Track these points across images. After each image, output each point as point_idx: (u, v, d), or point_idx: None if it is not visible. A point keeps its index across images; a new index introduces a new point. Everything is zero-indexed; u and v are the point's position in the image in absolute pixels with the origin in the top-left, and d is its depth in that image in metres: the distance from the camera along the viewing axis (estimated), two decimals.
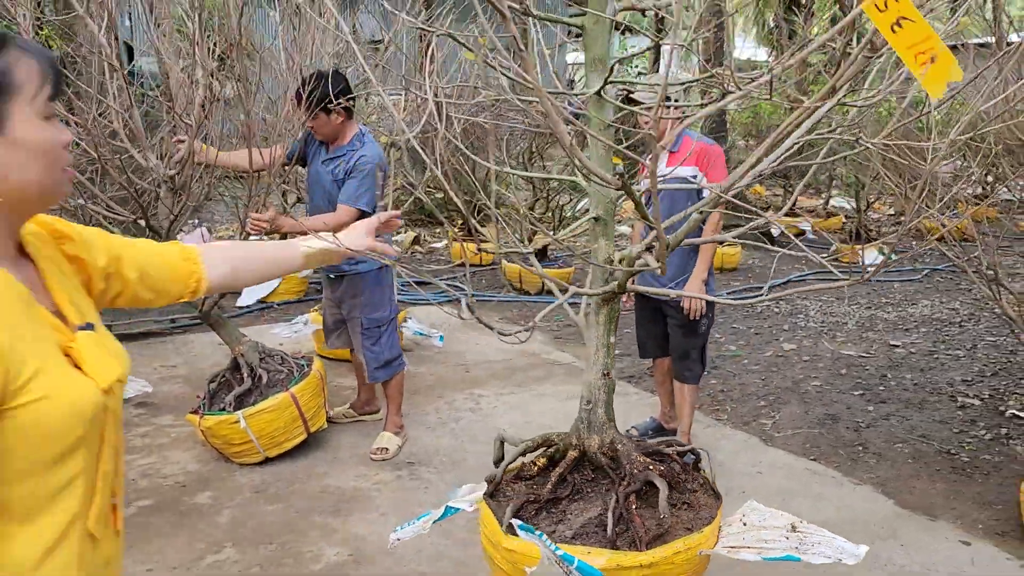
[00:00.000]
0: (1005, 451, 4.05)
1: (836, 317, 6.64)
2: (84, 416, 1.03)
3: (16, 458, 0.98)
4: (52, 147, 1.06)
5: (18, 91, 1.02)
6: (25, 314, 1.02)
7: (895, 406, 4.67)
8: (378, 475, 3.67)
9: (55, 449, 1.01)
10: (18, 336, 0.98)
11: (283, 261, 1.57)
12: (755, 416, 4.49)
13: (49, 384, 1.00)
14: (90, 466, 1.07)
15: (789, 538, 1.87)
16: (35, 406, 0.99)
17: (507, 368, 5.18)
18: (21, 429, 0.98)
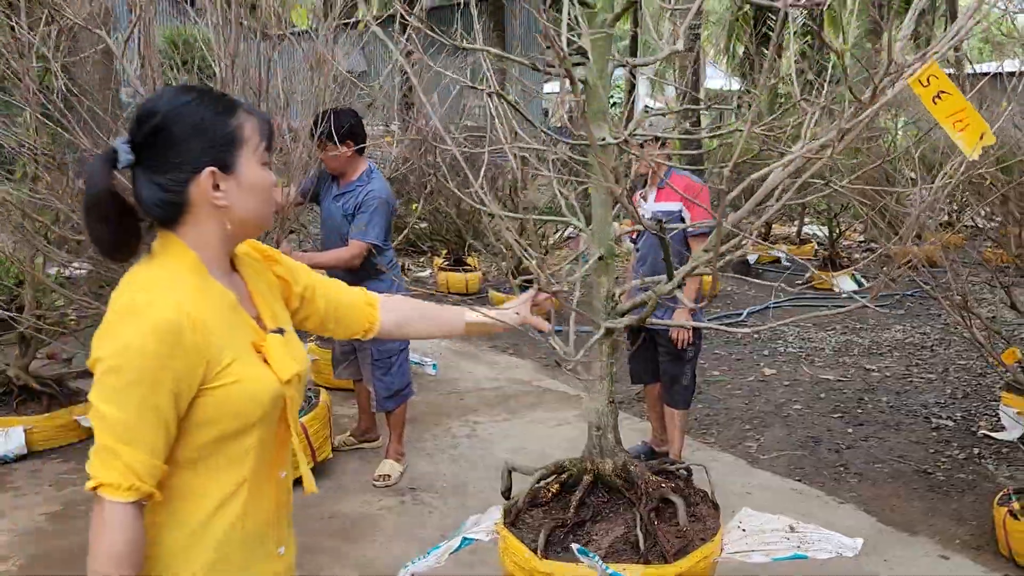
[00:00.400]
0: (978, 470, 4.26)
1: (813, 342, 6.87)
2: (263, 401, 1.31)
3: (210, 428, 1.28)
4: (267, 187, 1.36)
5: (245, 143, 1.32)
6: (229, 317, 1.32)
7: (873, 428, 4.88)
8: (382, 501, 3.80)
9: (238, 424, 1.30)
10: (221, 334, 1.27)
11: (446, 324, 1.79)
12: (741, 439, 4.67)
13: (240, 372, 1.29)
14: (263, 441, 1.34)
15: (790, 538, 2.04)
16: (228, 388, 1.27)
17: (500, 395, 5.33)
18: (216, 405, 1.27)
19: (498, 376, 5.71)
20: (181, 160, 1.27)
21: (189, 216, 1.30)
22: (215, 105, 1.31)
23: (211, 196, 1.29)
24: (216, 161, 1.29)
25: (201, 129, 1.28)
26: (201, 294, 1.28)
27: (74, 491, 3.85)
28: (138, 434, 1.20)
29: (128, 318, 1.21)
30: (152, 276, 1.27)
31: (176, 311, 1.21)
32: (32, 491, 3.85)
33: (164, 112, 1.27)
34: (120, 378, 1.19)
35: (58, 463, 4.17)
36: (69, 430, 4.33)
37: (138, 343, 1.19)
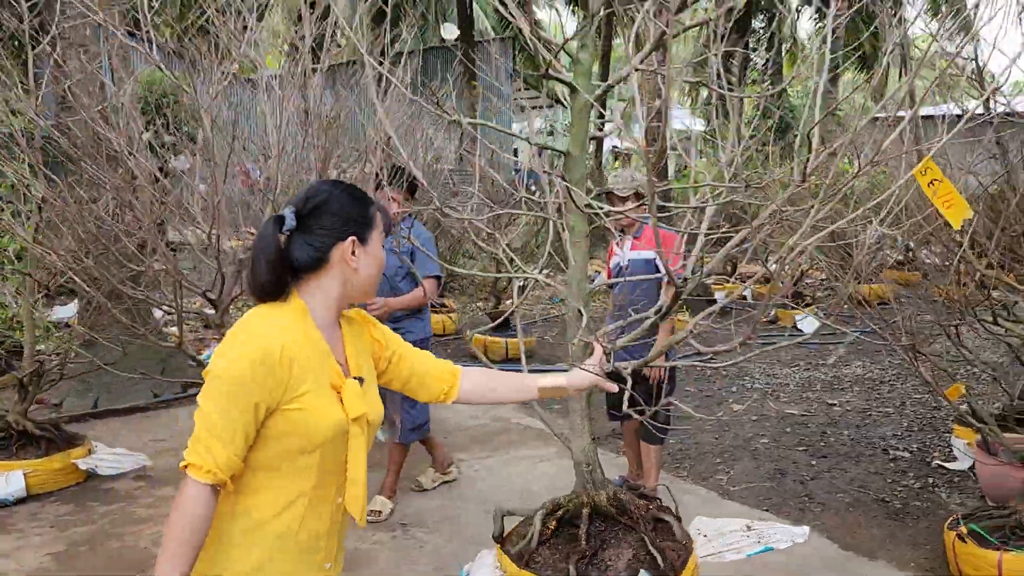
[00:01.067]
0: (932, 498, 4.56)
1: (779, 379, 7.19)
2: (325, 429, 1.60)
3: (280, 441, 1.58)
4: (382, 262, 1.77)
5: (376, 226, 1.74)
6: (317, 360, 1.64)
7: (835, 460, 5.17)
8: (375, 536, 3.99)
9: (302, 443, 1.59)
10: (304, 372, 1.59)
11: (522, 391, 2.06)
12: (712, 472, 4.93)
13: (311, 402, 1.59)
14: (325, 465, 1.63)
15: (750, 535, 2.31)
16: (298, 413, 1.58)
17: (483, 433, 5.55)
18: (286, 423, 1.57)
19: (480, 415, 5.93)
20: (333, 227, 1.66)
21: (325, 272, 1.67)
22: (361, 196, 1.73)
23: (348, 258, 1.67)
24: (357, 233, 1.68)
25: (347, 208, 1.69)
26: (300, 338, 1.61)
27: (75, 532, 3.99)
28: (223, 432, 1.52)
29: (239, 342, 1.56)
30: (271, 316, 1.62)
31: (274, 347, 1.55)
32: (34, 533, 3.98)
33: (327, 193, 1.68)
34: (219, 386, 1.53)
35: (57, 505, 4.30)
36: (67, 473, 4.47)
37: (238, 364, 1.53)
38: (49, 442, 4.48)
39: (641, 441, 4.35)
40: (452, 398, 1.97)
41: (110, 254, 5.08)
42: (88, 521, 4.12)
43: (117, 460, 4.58)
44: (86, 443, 4.63)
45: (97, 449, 4.64)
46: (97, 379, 5.86)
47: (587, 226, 2.75)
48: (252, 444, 1.57)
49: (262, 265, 1.62)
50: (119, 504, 4.31)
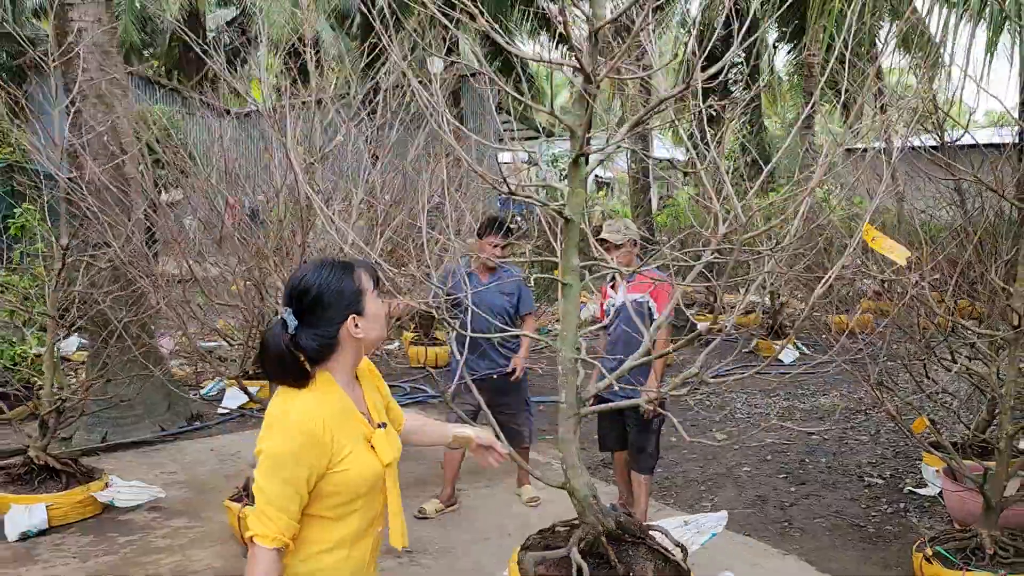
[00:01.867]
0: (903, 522, 4.86)
1: (760, 409, 7.50)
2: (368, 480, 1.89)
3: (332, 497, 1.85)
4: (383, 314, 1.98)
5: (366, 291, 1.92)
6: (350, 421, 1.90)
7: (813, 487, 5.47)
8: (383, 562, 4.22)
9: (350, 495, 1.87)
10: (343, 436, 1.85)
11: (441, 437, 2.43)
12: (697, 499, 5.21)
13: (354, 461, 1.86)
14: (366, 506, 1.92)
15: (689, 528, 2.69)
16: (344, 472, 1.84)
17: (479, 468, 5.80)
18: (336, 483, 1.84)
19: None
20: (332, 317, 1.87)
21: (338, 349, 1.90)
22: (342, 271, 1.90)
23: (354, 333, 1.89)
24: (354, 310, 1.88)
25: (340, 293, 1.88)
26: (334, 408, 1.86)
27: (98, 562, 4.21)
28: (282, 503, 1.77)
29: (284, 425, 1.80)
30: (305, 398, 1.84)
31: (316, 425, 1.79)
32: (59, 563, 4.21)
33: (315, 287, 1.86)
34: (272, 463, 1.78)
35: (78, 536, 4.52)
36: (86, 505, 4.69)
37: (288, 443, 1.78)
38: (69, 476, 4.71)
39: (632, 471, 4.63)
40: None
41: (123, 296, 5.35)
42: (110, 551, 4.34)
43: (133, 492, 4.80)
44: (103, 477, 4.86)
45: (113, 482, 4.86)
46: (106, 413, 6.08)
47: (580, 283, 3.05)
48: (318, 495, 1.83)
49: (277, 365, 1.85)
50: (138, 535, 4.53)
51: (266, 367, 1.89)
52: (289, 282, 1.93)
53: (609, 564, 2.75)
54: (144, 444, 6.16)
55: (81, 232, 5.42)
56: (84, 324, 5.13)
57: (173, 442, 6.28)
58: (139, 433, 6.22)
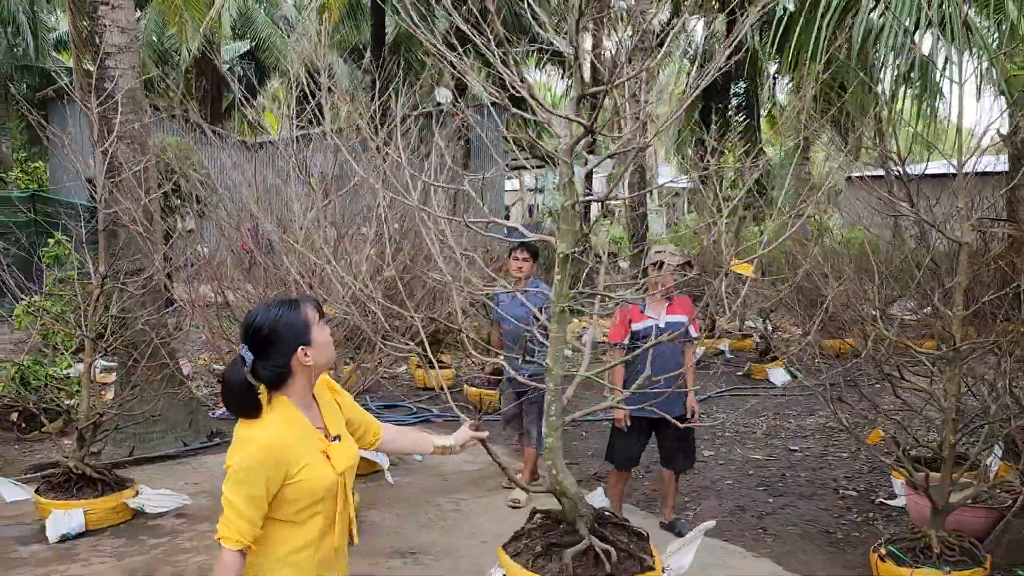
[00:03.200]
0: (870, 529, 5.26)
1: (748, 427, 7.91)
2: (324, 487, 2.22)
3: (292, 504, 2.18)
4: (329, 341, 2.28)
5: (312, 323, 2.24)
6: (306, 437, 2.23)
7: (790, 498, 5.87)
8: (388, 562, 4.66)
9: (309, 501, 2.21)
10: (299, 450, 2.17)
11: (421, 446, 2.80)
12: (681, 509, 5.61)
13: (310, 472, 2.19)
14: (326, 509, 2.25)
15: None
16: (301, 483, 2.17)
17: (479, 476, 6.23)
18: (294, 491, 2.17)
19: (476, 460, 6.61)
20: (284, 350, 2.17)
21: (292, 376, 2.21)
22: (289, 308, 2.21)
23: (303, 361, 2.20)
24: (302, 342, 2.19)
25: (289, 328, 2.18)
26: (291, 427, 2.18)
27: (132, 561, 4.66)
28: (243, 511, 2.09)
29: (247, 444, 2.12)
30: (266, 420, 2.17)
31: (274, 442, 2.12)
32: (97, 561, 4.65)
33: (266, 325, 2.17)
34: (236, 476, 2.10)
35: (112, 538, 4.97)
36: (119, 511, 5.14)
37: (248, 461, 2.10)
38: (104, 484, 5.16)
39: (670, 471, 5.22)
40: (376, 446, 2.62)
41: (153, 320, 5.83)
42: (142, 552, 4.78)
43: (161, 500, 5.24)
44: (134, 485, 5.30)
45: (143, 490, 5.30)
46: (132, 429, 6.54)
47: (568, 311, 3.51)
48: (274, 508, 2.14)
49: (236, 397, 2.15)
50: (166, 537, 4.97)
51: (227, 399, 2.19)
52: (244, 321, 2.24)
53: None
54: (168, 458, 6.61)
55: (114, 261, 5.91)
56: (117, 346, 5.60)
57: (195, 456, 6.73)
58: (163, 448, 6.67)
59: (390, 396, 8.98)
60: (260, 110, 30.79)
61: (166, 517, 5.27)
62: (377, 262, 8.32)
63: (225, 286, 5.21)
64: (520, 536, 3.56)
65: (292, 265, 4.89)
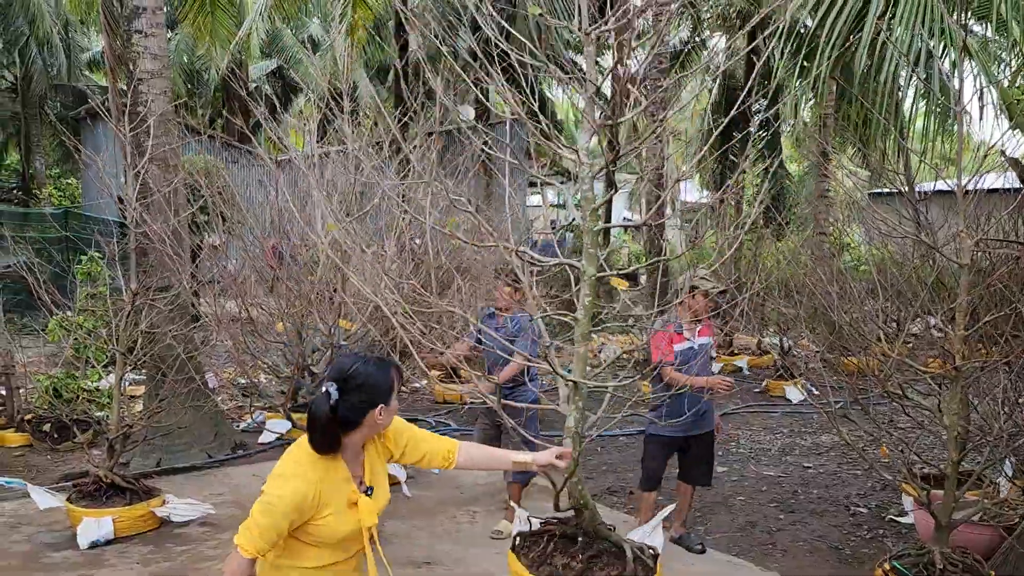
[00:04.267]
0: (878, 545, 5.33)
1: (762, 444, 7.97)
2: (343, 535, 2.37)
3: (312, 535, 2.35)
4: (396, 411, 2.45)
5: (394, 389, 2.40)
6: (339, 485, 2.37)
7: (801, 515, 5.94)
8: (403, 571, 4.80)
9: (325, 541, 2.37)
10: (329, 497, 2.32)
11: (500, 462, 2.98)
12: (692, 524, 5.70)
13: (332, 519, 2.35)
14: (346, 545, 2.41)
15: None
16: (320, 526, 2.34)
17: (494, 489, 6.37)
18: (315, 529, 2.35)
19: (491, 475, 6.75)
20: (367, 401, 2.33)
21: (359, 427, 2.36)
22: (381, 366, 2.38)
23: (377, 419, 2.36)
24: (383, 401, 2.36)
25: (377, 385, 2.35)
26: (328, 476, 2.33)
27: (158, 567, 4.84)
28: (264, 532, 2.27)
29: (285, 477, 2.31)
30: (310, 458, 2.33)
31: (311, 492, 2.28)
32: (125, 568, 4.84)
33: (360, 375, 2.33)
34: (268, 502, 2.27)
35: (140, 546, 5.16)
36: (147, 520, 5.33)
37: (281, 494, 2.27)
38: (132, 493, 5.35)
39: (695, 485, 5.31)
40: (451, 467, 2.72)
41: (180, 335, 6.05)
42: (168, 558, 4.97)
43: (187, 509, 5.43)
44: (161, 495, 5.50)
45: (170, 500, 5.50)
46: (159, 441, 6.75)
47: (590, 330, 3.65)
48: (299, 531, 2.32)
49: (319, 433, 2.30)
50: (191, 545, 5.16)
51: (312, 431, 2.33)
52: (339, 364, 2.38)
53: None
54: (193, 469, 6.81)
55: (144, 277, 6.14)
56: (146, 360, 5.81)
57: (219, 468, 6.92)
58: (189, 459, 6.87)
59: (411, 410, 9.14)
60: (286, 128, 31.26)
61: (191, 526, 5.46)
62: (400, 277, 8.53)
63: (249, 302, 5.41)
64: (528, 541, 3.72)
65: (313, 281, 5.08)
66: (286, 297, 5.68)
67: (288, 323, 5.72)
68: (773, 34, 3.73)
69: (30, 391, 8.11)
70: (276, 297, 5.61)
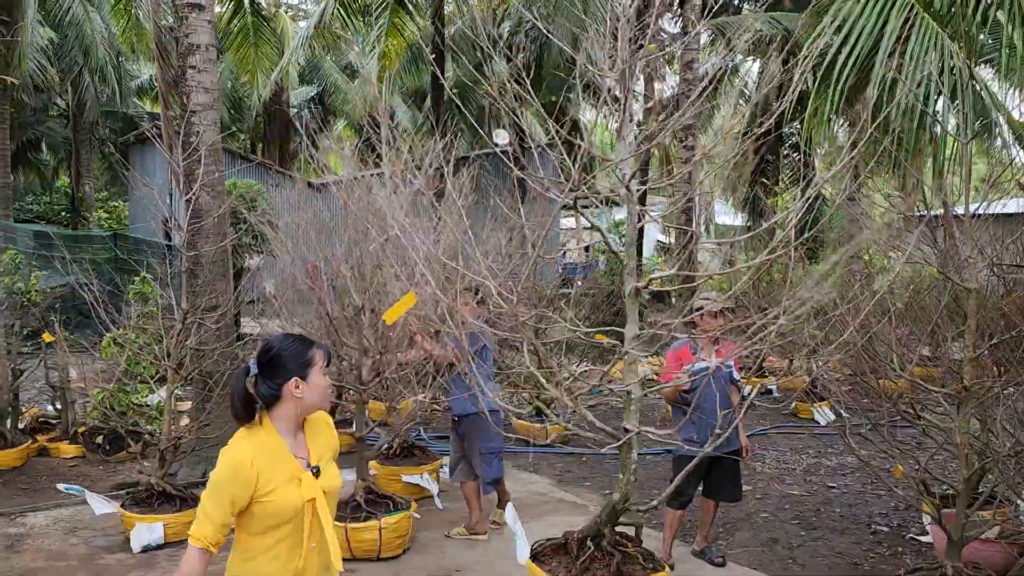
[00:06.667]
0: (897, 562, 5.46)
1: (788, 464, 8.10)
2: (289, 511, 2.47)
3: (260, 520, 2.48)
4: (324, 387, 2.59)
5: (315, 364, 2.55)
6: (279, 459, 2.49)
7: (822, 532, 6.08)
8: None
9: (274, 521, 2.48)
10: (270, 472, 2.45)
11: None
12: (714, 539, 5.88)
13: (277, 495, 2.46)
14: (295, 528, 2.50)
15: None
16: (267, 504, 2.45)
17: (522, 504, 6.57)
18: (260, 509, 2.46)
19: (520, 489, 6.99)
20: (282, 374, 2.49)
21: (281, 402, 2.51)
22: (301, 343, 2.54)
23: (294, 393, 2.50)
24: (299, 375, 2.50)
25: (292, 358, 2.51)
26: (268, 451, 2.47)
27: None
28: (211, 516, 2.44)
29: (223, 459, 2.45)
30: (249, 436, 2.50)
31: (245, 461, 2.41)
32: (174, 570, 5.12)
33: (277, 348, 2.52)
34: (210, 484, 2.46)
35: None
36: None
37: (220, 472, 2.43)
38: (182, 500, 5.68)
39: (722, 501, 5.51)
40: None
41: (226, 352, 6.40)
42: (214, 562, 5.24)
43: None
44: None
45: None
46: (205, 452, 7.09)
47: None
48: (245, 522, 2.47)
49: (236, 401, 2.49)
50: None
51: (231, 404, 2.53)
52: (264, 343, 2.57)
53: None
54: None
55: (193, 297, 6.51)
56: (195, 375, 6.17)
57: None
58: None
59: (443, 428, 9.40)
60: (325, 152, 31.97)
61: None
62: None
63: (290, 323, 5.73)
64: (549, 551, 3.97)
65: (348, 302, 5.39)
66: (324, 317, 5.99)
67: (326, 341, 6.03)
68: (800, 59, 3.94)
69: (84, 405, 8.54)
70: (316, 317, 5.91)
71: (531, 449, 8.54)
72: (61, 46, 21.50)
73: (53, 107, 27.90)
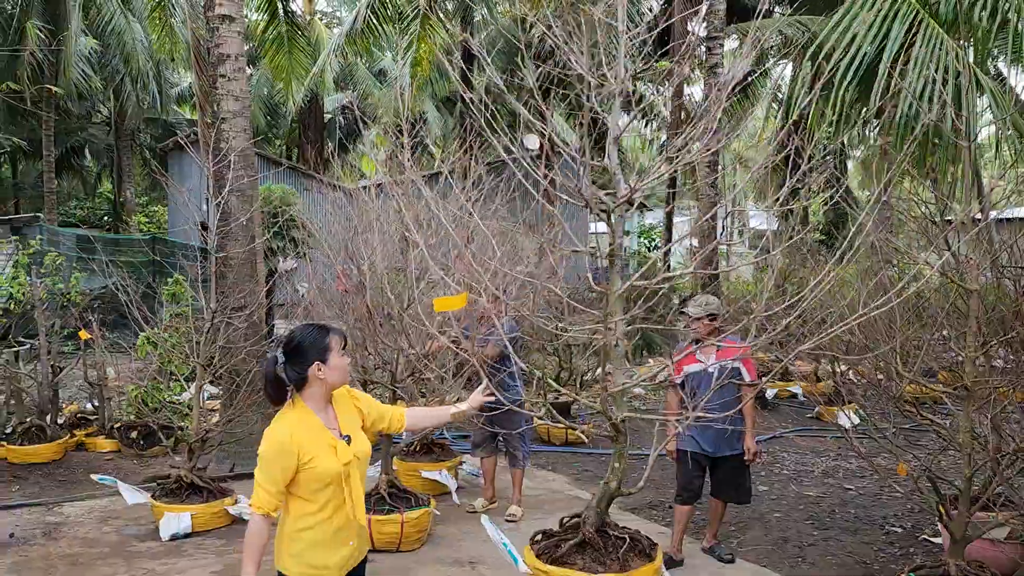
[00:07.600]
0: (907, 561, 5.51)
1: (806, 466, 8.14)
2: (329, 475, 2.84)
3: (305, 484, 2.85)
4: (343, 367, 2.95)
5: (332, 348, 2.91)
6: (315, 432, 2.87)
7: (835, 532, 6.14)
8: (449, 570, 5.22)
9: (319, 483, 2.86)
10: (309, 444, 2.82)
11: (440, 417, 3.51)
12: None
13: (318, 461, 2.83)
14: (335, 491, 2.88)
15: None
16: (311, 471, 2.83)
17: (538, 501, 6.74)
18: (305, 476, 2.84)
19: (537, 487, 7.13)
20: (305, 360, 2.86)
21: (308, 383, 2.88)
22: (319, 332, 2.90)
23: (318, 375, 2.87)
24: (320, 359, 2.87)
25: (313, 345, 2.88)
26: (304, 426, 2.84)
27: (230, 558, 5.37)
28: (265, 486, 2.81)
29: (268, 437, 2.82)
30: (287, 416, 2.87)
31: (286, 438, 2.78)
32: (200, 557, 5.39)
33: (299, 338, 2.89)
34: (261, 464, 2.82)
35: (215, 539, 5.71)
36: (221, 516, 5.89)
37: (266, 452, 2.80)
38: (209, 492, 5.92)
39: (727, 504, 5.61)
40: (401, 431, 3.33)
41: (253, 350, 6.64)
42: (239, 550, 5.43)
43: None
44: (234, 495, 6.06)
45: (241, 500, 6.05)
46: (232, 448, 7.34)
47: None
48: (293, 487, 2.81)
49: (268, 385, 2.89)
50: None
51: (264, 386, 2.95)
52: (287, 334, 2.95)
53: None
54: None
55: (222, 298, 6.76)
56: (223, 373, 6.41)
57: None
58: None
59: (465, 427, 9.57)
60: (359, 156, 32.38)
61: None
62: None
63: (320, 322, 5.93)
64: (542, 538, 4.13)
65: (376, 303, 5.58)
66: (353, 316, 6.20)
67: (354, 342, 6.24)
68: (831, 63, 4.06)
69: (120, 402, 8.86)
70: (345, 318, 6.12)
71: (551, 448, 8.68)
72: (103, 55, 22.15)
73: (96, 114, 28.69)
